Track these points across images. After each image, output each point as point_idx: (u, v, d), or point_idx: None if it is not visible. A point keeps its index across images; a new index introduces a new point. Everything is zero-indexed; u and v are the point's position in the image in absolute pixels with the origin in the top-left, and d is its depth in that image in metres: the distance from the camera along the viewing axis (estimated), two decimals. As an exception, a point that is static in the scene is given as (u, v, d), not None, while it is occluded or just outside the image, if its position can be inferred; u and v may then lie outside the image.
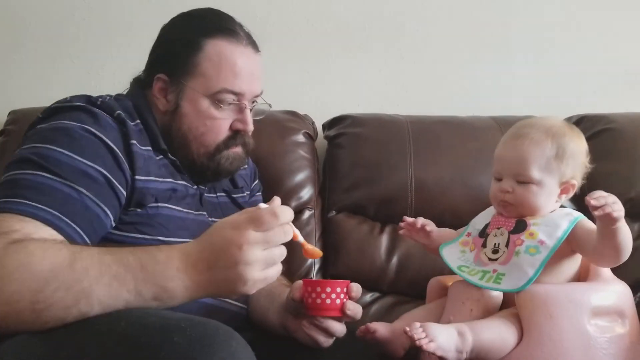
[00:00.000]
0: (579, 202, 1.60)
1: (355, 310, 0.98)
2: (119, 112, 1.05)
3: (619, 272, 1.19)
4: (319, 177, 1.68)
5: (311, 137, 1.70)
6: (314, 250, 0.94)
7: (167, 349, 0.66)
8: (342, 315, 0.98)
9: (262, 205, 0.86)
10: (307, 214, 1.61)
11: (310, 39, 1.87)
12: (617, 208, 0.98)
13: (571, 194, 1.14)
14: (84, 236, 0.91)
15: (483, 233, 1.14)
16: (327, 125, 1.75)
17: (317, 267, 1.52)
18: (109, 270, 0.79)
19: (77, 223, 0.90)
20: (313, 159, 1.67)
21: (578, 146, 1.13)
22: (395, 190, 1.59)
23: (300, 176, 1.62)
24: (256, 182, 1.39)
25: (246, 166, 1.32)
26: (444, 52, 1.90)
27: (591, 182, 1.61)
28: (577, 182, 1.13)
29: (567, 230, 1.06)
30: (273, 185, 1.53)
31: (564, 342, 0.99)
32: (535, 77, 1.91)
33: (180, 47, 1.13)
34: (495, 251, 1.09)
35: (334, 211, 1.64)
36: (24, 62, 1.83)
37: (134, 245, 0.88)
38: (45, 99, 1.73)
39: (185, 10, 1.24)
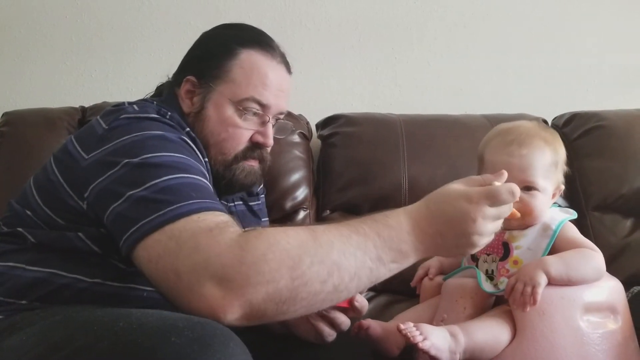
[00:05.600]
0: (573, 198, 1.63)
1: (362, 303, 0.99)
2: (188, 129, 1.05)
3: (611, 268, 1.20)
4: (313, 177, 1.69)
5: (306, 137, 1.70)
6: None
7: (165, 349, 0.66)
8: (349, 306, 0.98)
9: (497, 182, 0.88)
10: (302, 214, 1.62)
11: (303, 40, 1.87)
12: (527, 292, 1.00)
13: (557, 197, 1.16)
14: None
15: (474, 256, 1.14)
16: (321, 125, 1.75)
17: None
18: (350, 241, 0.81)
19: None
20: (308, 159, 1.68)
21: (564, 152, 1.15)
22: (389, 189, 1.60)
23: (296, 176, 1.62)
24: (261, 186, 1.40)
25: None
26: (436, 51, 1.91)
27: (584, 180, 1.64)
28: (563, 185, 1.15)
29: (547, 250, 1.08)
30: (269, 185, 1.53)
31: (557, 339, 1.00)
32: (527, 75, 1.92)
33: (215, 51, 1.14)
34: (490, 277, 1.10)
35: (328, 210, 1.64)
36: (17, 65, 1.83)
37: None
38: (38, 102, 1.75)
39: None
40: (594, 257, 1.07)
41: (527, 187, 1.09)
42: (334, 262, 0.79)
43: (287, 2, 1.87)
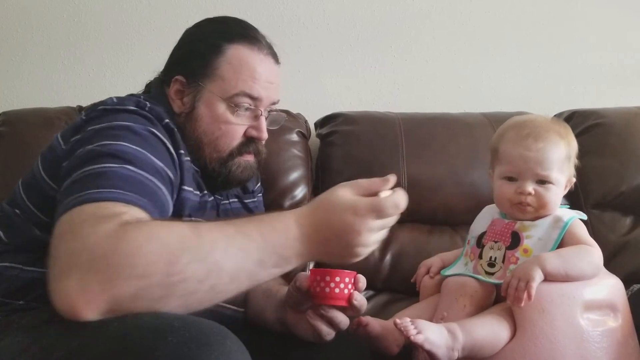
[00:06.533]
0: (573, 196, 1.63)
1: (361, 301, 0.98)
2: (167, 120, 1.04)
3: (611, 266, 1.20)
4: (312, 176, 1.68)
5: (304, 135, 1.70)
6: None
7: (162, 349, 0.66)
8: (348, 305, 0.97)
9: (383, 193, 0.87)
10: (300, 212, 1.61)
11: (302, 38, 1.87)
12: (522, 287, 1.01)
13: (568, 189, 1.16)
14: None
15: (479, 243, 1.15)
16: (319, 124, 1.75)
17: (311, 264, 1.51)
18: (234, 242, 0.79)
19: (162, 216, 0.89)
20: (306, 158, 1.67)
21: (576, 145, 1.16)
22: (388, 187, 1.59)
23: (294, 175, 1.62)
24: (258, 184, 1.40)
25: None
26: (434, 50, 1.91)
27: (583, 177, 1.64)
28: (574, 177, 1.16)
29: (557, 240, 1.09)
30: (267, 184, 1.52)
31: (557, 336, 1.00)
32: (525, 73, 1.92)
33: (201, 49, 1.13)
34: (491, 264, 1.10)
35: (327, 209, 1.63)
36: (14, 64, 1.82)
37: None
38: (36, 101, 1.74)
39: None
40: (590, 253, 1.07)
41: (542, 181, 1.10)
42: (215, 261, 0.77)
43: (285, 0, 1.86)
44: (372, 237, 0.85)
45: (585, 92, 1.92)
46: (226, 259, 0.77)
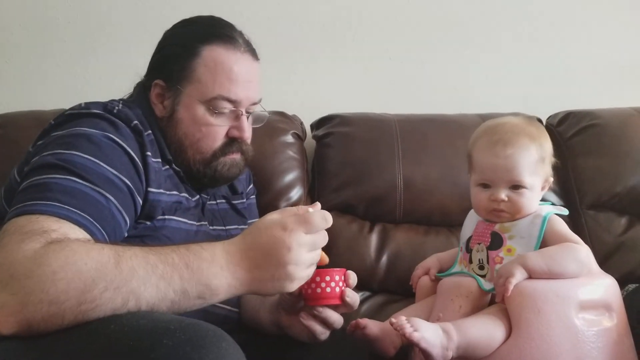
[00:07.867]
0: (568, 197, 1.64)
1: (353, 297, 0.98)
2: (135, 122, 1.05)
3: (606, 266, 1.20)
4: (308, 177, 1.68)
5: (300, 137, 1.70)
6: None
7: (157, 351, 0.66)
8: (341, 303, 0.97)
9: (310, 208, 0.87)
10: (296, 214, 1.61)
11: (298, 39, 1.87)
12: (501, 282, 1.03)
13: (546, 189, 1.17)
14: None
15: (468, 247, 1.16)
16: (315, 125, 1.75)
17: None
18: (156, 271, 0.79)
19: (105, 229, 0.90)
20: (302, 159, 1.67)
21: (550, 145, 1.15)
22: (384, 189, 1.60)
23: (290, 176, 1.62)
24: (251, 186, 1.40)
25: None
26: (430, 51, 1.91)
27: (578, 178, 1.65)
28: (552, 177, 1.16)
29: (540, 237, 1.09)
30: (262, 186, 1.53)
31: (553, 337, 1.00)
32: (521, 74, 1.93)
33: (178, 52, 1.14)
34: (481, 267, 1.12)
35: (323, 211, 1.63)
36: (9, 67, 1.82)
37: None
38: (30, 103, 1.73)
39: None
40: (576, 250, 1.07)
41: (515, 186, 1.10)
42: (132, 290, 0.76)
43: (280, 1, 1.86)
44: (303, 254, 0.84)
45: (580, 92, 1.92)
46: (145, 288, 0.77)
